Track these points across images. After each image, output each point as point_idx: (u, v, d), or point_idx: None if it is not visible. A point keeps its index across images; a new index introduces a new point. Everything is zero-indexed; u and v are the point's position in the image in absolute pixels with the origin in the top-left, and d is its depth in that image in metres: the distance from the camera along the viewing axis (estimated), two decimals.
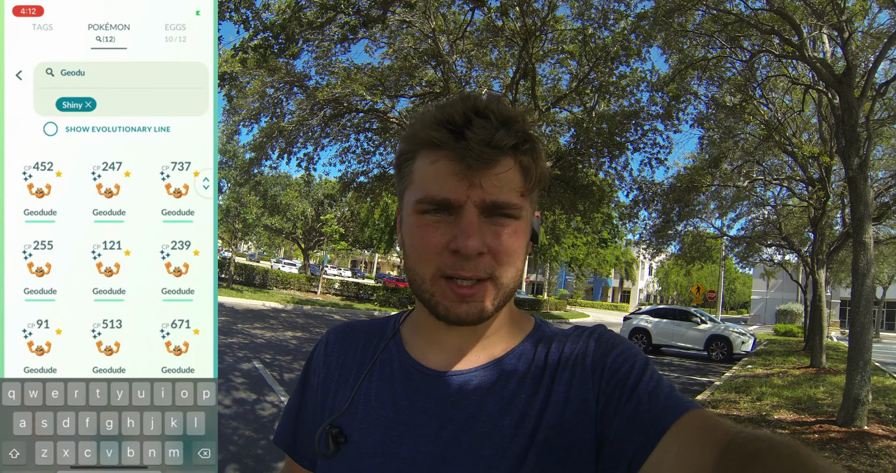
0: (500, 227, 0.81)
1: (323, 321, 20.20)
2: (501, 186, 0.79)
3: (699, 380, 13.79)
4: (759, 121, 14.14)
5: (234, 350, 11.18)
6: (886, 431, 7.53)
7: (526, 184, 0.82)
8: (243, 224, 30.44)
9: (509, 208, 0.80)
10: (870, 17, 10.79)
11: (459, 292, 0.81)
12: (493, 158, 0.78)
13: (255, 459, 5.34)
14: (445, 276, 0.81)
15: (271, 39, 8.72)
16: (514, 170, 0.80)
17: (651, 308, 21.29)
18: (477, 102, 0.81)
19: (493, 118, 0.78)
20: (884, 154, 17.51)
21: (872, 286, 7.98)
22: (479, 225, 0.79)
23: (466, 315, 0.82)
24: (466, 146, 0.77)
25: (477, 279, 0.80)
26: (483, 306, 0.82)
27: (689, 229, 21.18)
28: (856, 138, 7.89)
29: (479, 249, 0.78)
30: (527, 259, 0.89)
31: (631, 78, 12.66)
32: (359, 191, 18.23)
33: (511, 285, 0.84)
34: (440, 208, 0.81)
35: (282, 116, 14.43)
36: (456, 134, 0.78)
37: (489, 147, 0.77)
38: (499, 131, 0.77)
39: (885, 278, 34.73)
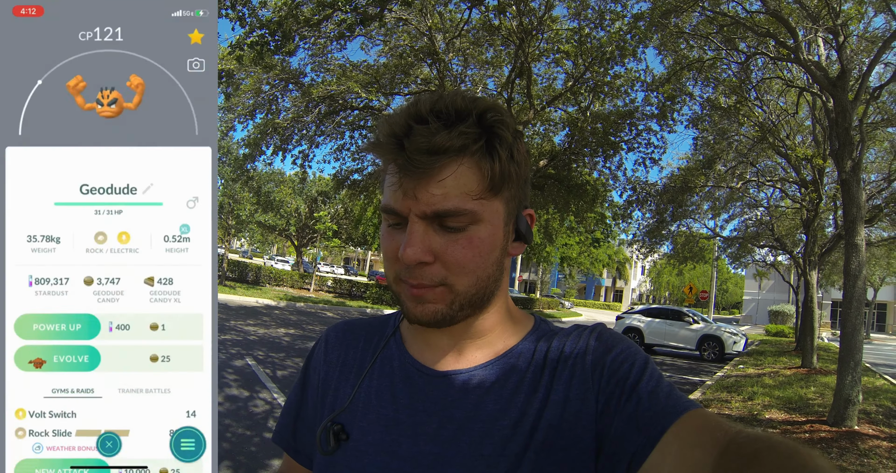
0: (452, 234, 0.79)
1: (316, 318, 20.18)
2: (447, 192, 0.76)
3: (691, 380, 13.84)
4: (753, 123, 14.18)
5: (227, 347, 11.17)
6: (876, 431, 7.58)
7: (484, 184, 0.79)
8: (237, 221, 30.38)
9: (458, 214, 0.77)
10: (865, 20, 10.84)
11: (412, 291, 0.81)
12: (431, 164, 0.75)
13: (249, 456, 5.33)
14: (402, 279, 0.82)
15: (268, 37, 8.69)
16: (462, 173, 0.77)
17: (644, 308, 21.35)
18: (420, 107, 0.78)
19: (435, 122, 0.76)
20: (876, 157, 17.59)
21: (864, 288, 8.02)
22: (423, 234, 0.78)
23: (422, 316, 0.82)
24: (405, 156, 0.76)
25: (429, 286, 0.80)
26: (437, 307, 0.81)
27: (683, 229, 21.25)
28: (849, 141, 7.93)
29: (418, 258, 0.77)
30: (506, 262, 0.88)
31: (626, 78, 12.68)
32: (353, 188, 18.20)
33: (472, 291, 0.82)
34: (397, 216, 0.80)
35: (277, 112, 14.39)
36: (398, 144, 0.77)
37: (428, 154, 0.75)
38: (439, 135, 0.75)
39: (877, 280, 34.96)
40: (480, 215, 0.79)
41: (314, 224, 35.24)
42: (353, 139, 16.25)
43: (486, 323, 0.90)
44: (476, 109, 0.79)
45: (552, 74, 14.39)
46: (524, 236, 0.89)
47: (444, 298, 0.81)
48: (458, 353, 0.90)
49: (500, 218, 0.83)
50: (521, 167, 0.84)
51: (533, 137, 16.30)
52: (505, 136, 0.80)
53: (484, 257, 0.81)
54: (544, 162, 14.39)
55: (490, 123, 0.79)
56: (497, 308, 0.91)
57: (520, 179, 0.85)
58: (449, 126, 0.76)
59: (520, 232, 0.88)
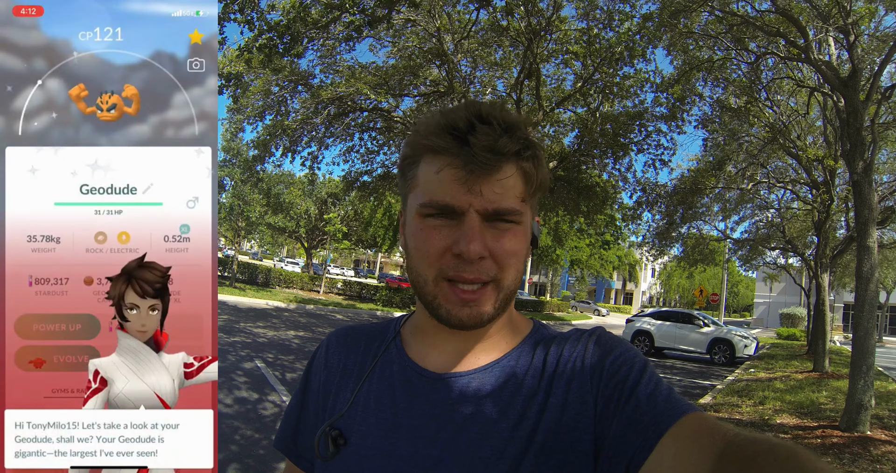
0: (502, 231, 0.82)
1: (326, 321, 20.22)
2: (504, 192, 0.80)
3: (701, 383, 13.78)
4: (763, 123, 14.11)
5: (237, 349, 11.19)
6: (889, 436, 7.51)
7: (527, 190, 0.83)
8: (246, 222, 30.50)
9: (511, 213, 0.81)
10: (876, 20, 10.76)
11: (462, 296, 0.82)
12: (495, 164, 0.78)
13: (257, 459, 5.34)
14: (448, 278, 0.82)
15: (276, 39, 8.72)
16: (516, 176, 0.81)
17: (654, 311, 21.28)
18: (481, 108, 0.81)
19: (496, 124, 0.79)
20: (889, 158, 17.48)
21: (876, 291, 7.96)
22: (480, 230, 0.80)
23: (468, 319, 0.82)
24: (470, 152, 0.78)
25: (480, 283, 0.81)
26: (484, 310, 0.82)
27: (693, 231, 21.17)
28: (861, 142, 7.87)
29: (480, 253, 0.79)
30: (528, 263, 0.89)
31: (635, 79, 12.67)
32: (362, 190, 18.25)
33: (512, 288, 0.85)
34: (443, 212, 0.81)
35: (286, 114, 14.44)
36: (460, 140, 0.79)
37: (492, 153, 0.78)
38: (502, 137, 0.78)
39: (890, 283, 34.68)
40: (523, 217, 0.84)
41: (324, 226, 35.34)
42: (363, 141, 16.32)
43: (493, 327, 0.91)
44: (521, 120, 0.83)
45: (561, 75, 14.42)
46: (535, 240, 0.92)
47: (492, 297, 0.83)
48: (460, 356, 0.90)
49: (530, 221, 0.87)
50: (547, 177, 0.88)
51: (542, 138, 16.29)
52: (541, 148, 0.85)
53: (523, 254, 0.85)
54: (554, 164, 14.39)
55: (531, 134, 0.84)
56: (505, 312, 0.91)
57: (546, 187, 0.89)
58: (507, 131, 0.80)
59: (534, 236, 0.90)
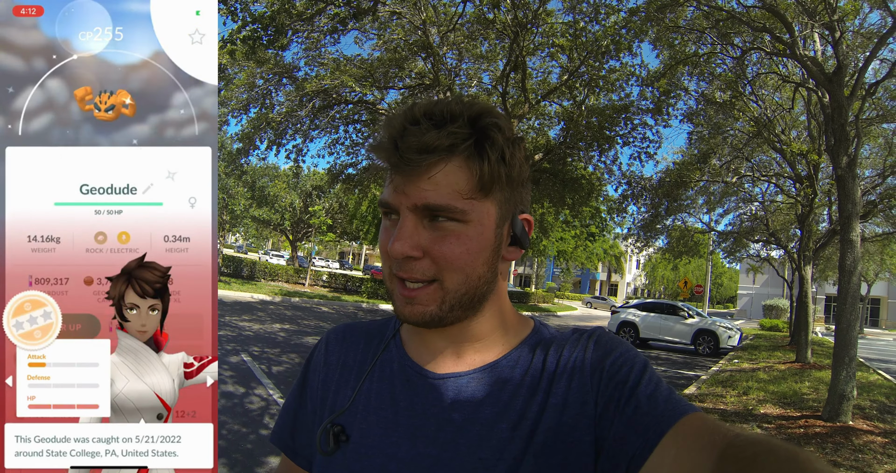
0: (444, 233, 0.81)
1: (311, 314, 20.17)
2: (437, 189, 0.79)
3: (686, 374, 13.90)
4: (748, 118, 14.20)
5: (223, 343, 11.15)
6: (870, 426, 7.63)
7: (473, 184, 0.81)
8: (231, 216, 30.35)
9: (448, 211, 0.80)
10: (861, 16, 10.84)
11: (404, 292, 0.83)
12: (419, 162, 0.78)
13: (245, 453, 5.33)
14: (396, 275, 0.83)
15: (260, 31, 8.65)
16: (452, 171, 0.80)
17: (639, 302, 21.39)
18: (415, 110, 0.81)
19: (426, 123, 0.79)
20: (871, 153, 17.63)
21: (858, 284, 8.05)
22: (413, 230, 0.80)
23: (411, 316, 0.83)
24: (398, 154, 0.79)
25: (422, 282, 0.82)
26: (427, 309, 0.83)
27: (678, 223, 21.28)
28: (845, 137, 7.94)
29: (406, 252, 0.80)
30: (498, 264, 0.88)
31: (621, 72, 12.68)
32: (347, 183, 18.17)
33: (462, 291, 0.83)
34: (394, 212, 0.83)
35: (270, 107, 14.34)
36: (393, 144, 0.80)
37: (417, 152, 0.78)
38: (429, 134, 0.78)
39: (871, 275, 35.11)
40: (470, 215, 0.81)
41: (309, 219, 35.24)
42: (348, 133, 16.23)
43: (483, 327, 0.91)
44: (469, 111, 0.81)
45: (547, 68, 14.39)
46: (520, 241, 0.89)
47: (434, 298, 0.82)
48: (457, 356, 0.91)
49: (492, 220, 0.84)
50: (514, 170, 0.85)
51: (528, 131, 16.29)
52: (495, 138, 0.81)
53: (473, 255, 0.83)
54: (539, 156, 14.39)
55: (483, 125, 0.81)
56: (493, 312, 0.91)
57: (513, 182, 0.86)
58: (439, 127, 0.79)
59: (515, 236, 0.89)
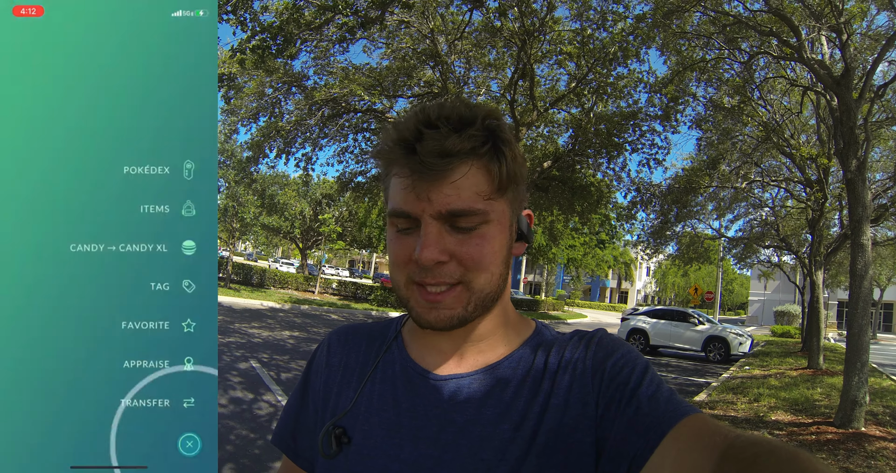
0: (465, 234, 0.81)
1: (320, 321, 20.19)
2: (459, 193, 0.79)
3: (696, 381, 13.81)
4: (757, 122, 14.16)
5: (232, 350, 11.18)
6: (883, 432, 7.54)
7: (493, 185, 0.82)
8: (241, 223, 30.47)
9: (471, 214, 0.80)
10: (868, 18, 10.83)
11: (428, 298, 0.82)
12: (444, 167, 0.78)
13: (252, 459, 5.33)
14: (416, 282, 0.83)
15: (269, 40, 8.72)
16: (473, 174, 0.80)
17: (649, 309, 21.28)
18: (429, 113, 0.81)
19: (444, 126, 0.79)
20: (882, 156, 17.55)
21: (870, 288, 7.98)
22: (437, 235, 0.80)
23: (436, 321, 0.83)
24: (417, 160, 0.78)
25: (447, 285, 0.81)
26: (453, 312, 0.83)
27: (687, 229, 21.22)
28: (854, 140, 7.90)
29: (436, 258, 0.79)
30: (511, 262, 0.89)
31: (629, 79, 12.69)
32: (357, 191, 18.25)
33: (487, 290, 0.84)
34: (408, 220, 0.82)
35: (280, 115, 14.43)
36: (407, 149, 0.79)
37: (439, 157, 0.78)
38: (450, 138, 0.78)
39: (883, 280, 34.84)
40: (490, 215, 0.82)
41: (318, 227, 35.32)
42: (357, 142, 16.32)
43: (487, 326, 0.91)
44: (480, 114, 0.82)
45: (555, 76, 14.43)
46: (525, 236, 0.91)
47: (460, 300, 0.83)
48: (460, 357, 0.91)
49: (507, 218, 0.86)
50: (522, 169, 0.86)
51: (537, 138, 16.32)
52: (508, 138, 0.83)
53: (496, 254, 0.84)
54: (548, 163, 14.41)
55: (492, 127, 0.82)
56: (498, 311, 0.91)
57: (521, 180, 0.87)
58: (458, 130, 0.79)
59: (521, 232, 0.90)
